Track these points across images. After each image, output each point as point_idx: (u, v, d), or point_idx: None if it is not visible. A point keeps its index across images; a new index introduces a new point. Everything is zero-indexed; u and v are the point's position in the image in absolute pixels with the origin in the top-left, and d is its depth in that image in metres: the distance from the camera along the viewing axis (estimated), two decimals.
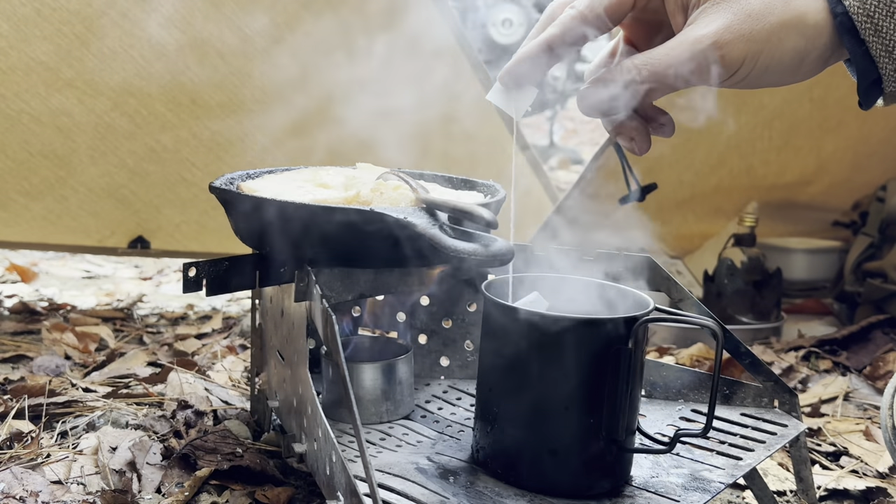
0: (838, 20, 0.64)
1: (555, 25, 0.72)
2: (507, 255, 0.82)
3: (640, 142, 0.75)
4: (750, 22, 0.65)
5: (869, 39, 0.63)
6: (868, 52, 0.64)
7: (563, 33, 0.72)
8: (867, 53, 0.64)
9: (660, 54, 0.67)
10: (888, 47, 0.64)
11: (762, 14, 0.65)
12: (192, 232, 2.00)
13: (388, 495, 0.81)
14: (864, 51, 0.64)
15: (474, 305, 1.15)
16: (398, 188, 0.94)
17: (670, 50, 0.67)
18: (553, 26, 0.72)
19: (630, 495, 0.84)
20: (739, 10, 0.65)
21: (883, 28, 0.63)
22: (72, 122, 1.70)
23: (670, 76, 0.67)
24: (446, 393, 1.13)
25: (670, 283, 1.04)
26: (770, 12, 0.65)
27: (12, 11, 1.52)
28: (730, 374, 1.44)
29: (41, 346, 1.60)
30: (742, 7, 0.65)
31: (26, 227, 1.91)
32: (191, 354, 1.58)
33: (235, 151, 1.82)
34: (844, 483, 1.15)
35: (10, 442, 1.13)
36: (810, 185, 2.30)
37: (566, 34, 0.71)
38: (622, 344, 0.81)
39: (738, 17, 0.65)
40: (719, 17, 0.65)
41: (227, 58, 1.67)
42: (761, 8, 0.65)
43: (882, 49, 0.64)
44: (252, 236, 0.97)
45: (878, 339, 1.69)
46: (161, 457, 1.08)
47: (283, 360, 1.01)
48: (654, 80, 0.68)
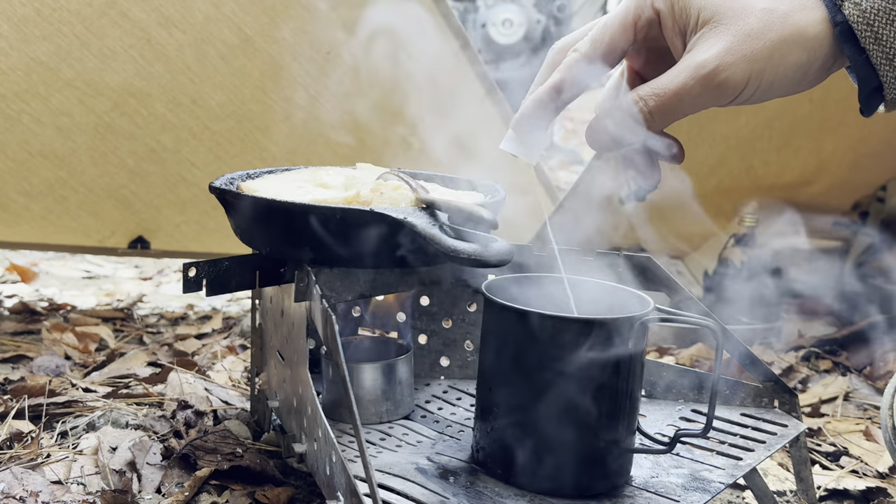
0: (838, 29, 0.64)
1: (560, 70, 0.73)
2: (507, 256, 0.82)
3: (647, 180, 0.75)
4: (750, 42, 0.64)
5: (869, 48, 0.63)
6: (869, 59, 0.64)
7: (570, 77, 0.72)
8: (868, 61, 0.64)
9: (663, 83, 0.67)
10: (888, 55, 0.64)
11: (761, 32, 0.65)
12: (192, 232, 1.99)
13: (388, 495, 0.81)
14: (864, 59, 0.64)
15: (474, 305, 1.15)
16: (398, 188, 0.94)
17: (673, 78, 0.67)
18: (558, 71, 0.73)
19: (630, 495, 0.84)
20: (738, 31, 0.65)
21: (883, 36, 0.63)
22: (72, 122, 1.70)
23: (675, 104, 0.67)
24: (446, 393, 1.13)
25: (670, 283, 1.04)
26: (769, 29, 0.64)
27: (12, 11, 1.52)
28: (730, 374, 1.44)
29: (41, 346, 1.60)
30: (741, 28, 0.65)
31: (26, 227, 1.91)
32: (191, 354, 1.58)
33: (235, 151, 1.81)
34: (844, 483, 1.15)
35: (10, 442, 1.13)
36: (810, 185, 2.30)
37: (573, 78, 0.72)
38: (622, 344, 0.81)
39: (738, 38, 0.65)
40: (719, 41, 0.65)
41: (227, 58, 1.67)
42: (760, 26, 0.65)
43: (882, 57, 0.64)
44: (252, 236, 0.97)
45: (878, 339, 1.69)
46: (161, 457, 1.08)
47: (283, 360, 1.01)
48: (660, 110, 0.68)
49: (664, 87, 0.67)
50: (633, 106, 0.69)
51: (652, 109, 0.68)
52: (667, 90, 0.67)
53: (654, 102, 0.68)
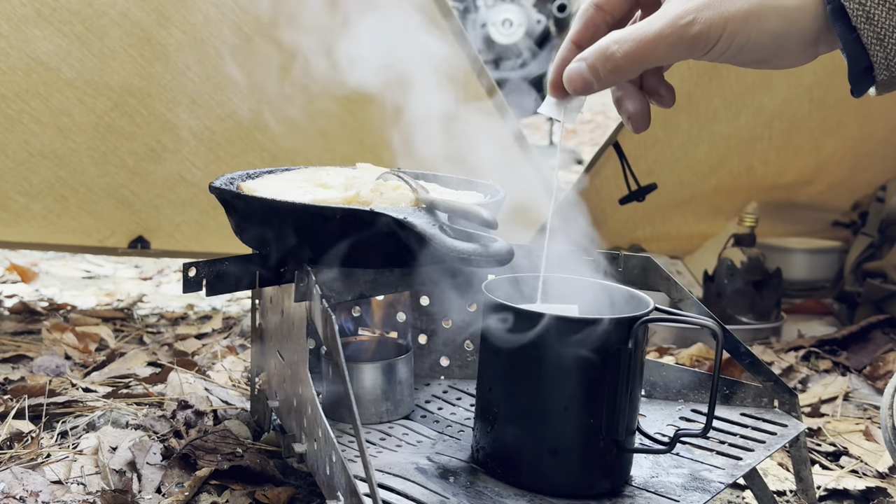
0: (830, 7, 0.64)
1: (576, 22, 0.75)
2: (507, 256, 0.82)
3: (636, 121, 0.76)
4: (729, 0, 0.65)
5: (860, 26, 0.63)
6: (859, 38, 0.64)
7: (585, 27, 0.75)
8: (858, 40, 0.64)
9: (640, 28, 0.68)
10: (879, 35, 0.64)
11: None
12: (192, 232, 2.00)
13: (388, 495, 0.81)
14: (855, 38, 0.64)
15: (474, 305, 1.15)
16: (398, 188, 0.94)
17: (649, 25, 0.68)
18: (574, 23, 0.75)
19: (630, 495, 0.85)
20: None
21: (874, 16, 0.63)
22: (72, 122, 1.70)
23: (650, 51, 0.68)
24: (446, 393, 1.13)
25: (670, 283, 1.04)
26: None
27: (12, 11, 1.52)
28: (730, 374, 1.44)
29: (41, 346, 1.60)
30: None
31: (26, 227, 1.91)
32: (191, 354, 1.58)
33: (235, 151, 1.81)
34: (844, 483, 1.15)
35: (10, 442, 1.13)
36: (810, 185, 2.30)
37: (588, 27, 0.75)
38: (622, 344, 0.81)
39: None
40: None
41: (227, 58, 1.67)
42: None
43: (873, 37, 0.64)
44: (252, 236, 0.97)
45: (878, 339, 1.69)
46: (161, 457, 1.08)
47: (283, 360, 1.01)
48: (633, 56, 0.69)
49: (641, 33, 0.68)
50: (606, 49, 0.70)
51: (626, 54, 0.69)
52: (643, 36, 0.68)
53: (629, 47, 0.69)
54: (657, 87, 0.77)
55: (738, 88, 1.88)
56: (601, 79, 0.71)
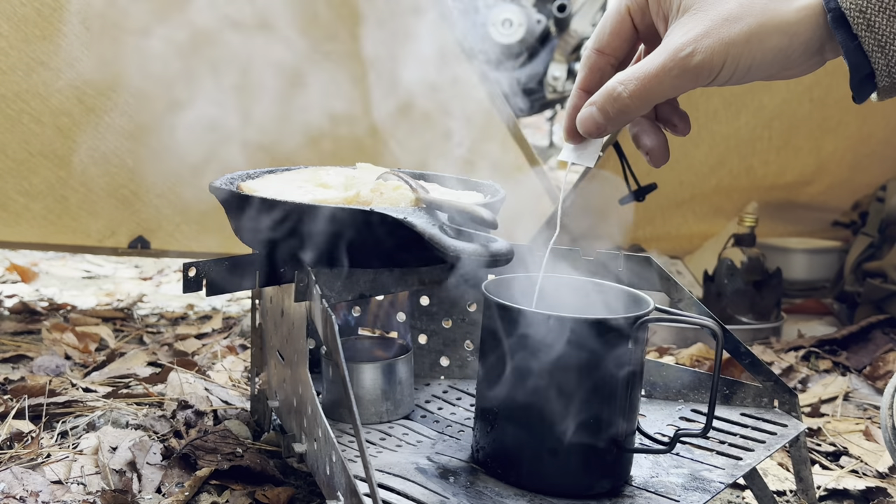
0: (831, 15, 0.64)
1: (581, 69, 0.77)
2: (506, 256, 0.82)
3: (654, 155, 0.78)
4: (728, 25, 0.66)
5: (861, 34, 0.64)
6: (861, 46, 0.64)
7: (591, 72, 0.77)
8: (860, 48, 0.65)
9: (643, 66, 0.70)
10: (880, 42, 0.64)
11: (739, 16, 0.66)
12: (192, 232, 1.99)
13: (388, 495, 0.81)
14: (856, 45, 0.65)
15: (474, 305, 1.15)
16: (398, 188, 0.94)
17: (651, 62, 0.69)
18: (580, 70, 0.77)
19: (630, 495, 0.85)
20: (716, 15, 0.67)
21: (875, 23, 0.63)
22: (72, 122, 1.70)
23: (655, 87, 0.69)
24: (446, 393, 1.13)
25: (670, 283, 1.04)
26: (748, 14, 0.66)
27: (12, 11, 1.53)
28: (730, 374, 1.44)
29: (41, 346, 1.60)
30: (719, 12, 0.67)
31: (26, 227, 1.91)
32: (191, 354, 1.58)
33: (235, 151, 1.81)
34: (844, 483, 1.15)
35: (10, 442, 1.13)
36: (810, 185, 2.30)
37: (593, 72, 0.77)
38: (622, 344, 0.81)
39: (716, 21, 0.66)
40: (697, 25, 0.67)
41: (226, 57, 1.67)
42: (739, 11, 0.66)
43: (875, 44, 0.64)
44: (252, 236, 0.97)
45: (878, 339, 1.69)
46: (161, 457, 1.08)
47: (283, 360, 1.01)
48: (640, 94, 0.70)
49: (644, 70, 0.69)
50: (613, 91, 0.71)
51: (632, 93, 0.70)
52: (646, 73, 0.69)
53: (634, 86, 0.70)
54: (670, 116, 0.78)
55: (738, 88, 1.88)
56: (612, 119, 0.73)
